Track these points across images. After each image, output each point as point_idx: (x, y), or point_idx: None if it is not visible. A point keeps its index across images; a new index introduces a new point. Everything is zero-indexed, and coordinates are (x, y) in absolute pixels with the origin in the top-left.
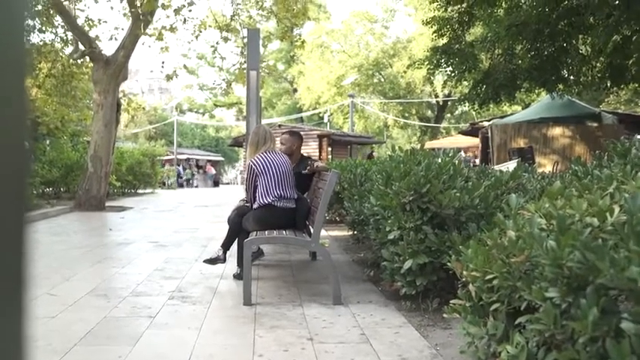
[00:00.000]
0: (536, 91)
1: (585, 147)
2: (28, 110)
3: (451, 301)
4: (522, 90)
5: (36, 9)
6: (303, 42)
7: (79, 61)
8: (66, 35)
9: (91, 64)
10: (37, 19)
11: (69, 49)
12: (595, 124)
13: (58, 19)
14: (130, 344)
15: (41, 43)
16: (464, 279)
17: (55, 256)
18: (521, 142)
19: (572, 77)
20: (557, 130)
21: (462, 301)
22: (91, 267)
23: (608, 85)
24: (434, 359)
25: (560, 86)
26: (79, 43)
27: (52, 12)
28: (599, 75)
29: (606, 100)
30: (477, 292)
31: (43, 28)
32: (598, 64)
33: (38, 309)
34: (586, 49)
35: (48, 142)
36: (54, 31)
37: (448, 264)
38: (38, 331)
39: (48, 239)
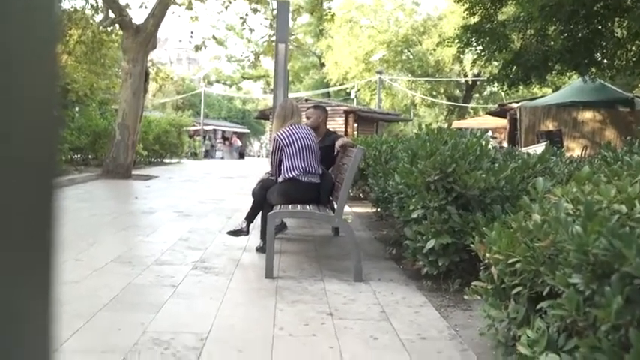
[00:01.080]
0: (568, 73)
1: (616, 132)
2: (58, 76)
3: (473, 283)
4: (553, 72)
5: None
6: (333, 15)
7: (108, 29)
8: (97, 2)
9: (120, 32)
10: None
11: (99, 17)
12: (627, 110)
13: None
14: (152, 312)
15: (72, 10)
16: (486, 261)
17: (81, 223)
18: (550, 125)
19: (605, 61)
20: (587, 115)
21: (483, 283)
22: (117, 234)
23: None
24: (453, 340)
25: (593, 70)
26: (110, 10)
27: None
28: (634, 59)
29: None
30: (499, 274)
31: None
32: (633, 49)
33: (64, 274)
34: (621, 33)
35: (77, 109)
36: None
37: (471, 245)
38: (64, 296)
39: (75, 206)
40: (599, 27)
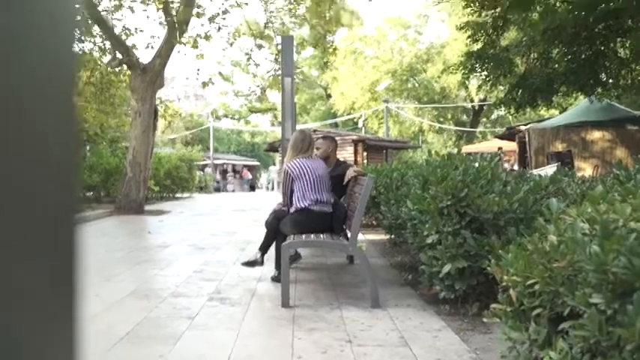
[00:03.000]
0: (574, 95)
1: (626, 151)
2: (77, 118)
3: (492, 306)
4: (559, 94)
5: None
6: (335, 49)
7: (116, 69)
8: (104, 44)
9: (128, 72)
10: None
11: (107, 58)
12: (635, 128)
13: (96, 29)
14: (170, 344)
15: (80, 52)
16: (504, 283)
17: (96, 259)
18: (560, 146)
19: (610, 81)
20: (596, 134)
21: (502, 306)
22: (132, 269)
23: None
24: None
25: (599, 90)
26: (117, 51)
27: (90, 22)
28: (639, 78)
29: None
30: (517, 296)
31: (82, 38)
32: (638, 67)
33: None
34: (625, 53)
35: (88, 147)
36: (92, 40)
37: (488, 268)
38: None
39: (89, 242)
40: (602, 48)
